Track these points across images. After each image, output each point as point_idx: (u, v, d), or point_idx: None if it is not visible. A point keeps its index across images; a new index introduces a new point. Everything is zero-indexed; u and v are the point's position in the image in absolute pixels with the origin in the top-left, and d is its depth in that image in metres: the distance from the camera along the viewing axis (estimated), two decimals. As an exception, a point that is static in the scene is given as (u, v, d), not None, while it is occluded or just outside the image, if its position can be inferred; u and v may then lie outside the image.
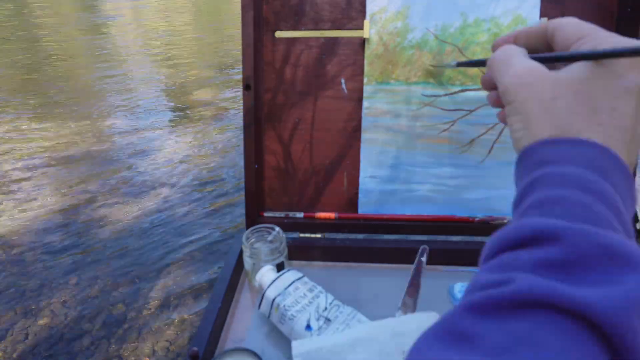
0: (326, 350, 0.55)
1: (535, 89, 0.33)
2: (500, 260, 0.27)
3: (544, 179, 0.30)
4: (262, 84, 0.78)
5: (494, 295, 0.24)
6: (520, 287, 0.24)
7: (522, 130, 0.33)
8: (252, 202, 0.79)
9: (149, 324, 1.71)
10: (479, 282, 0.27)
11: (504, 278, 0.25)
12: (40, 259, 2.10)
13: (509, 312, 0.24)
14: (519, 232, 0.27)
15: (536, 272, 0.25)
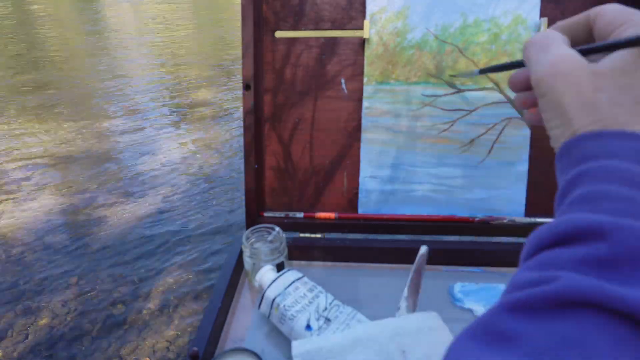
0: (326, 350, 0.55)
1: (573, 81, 0.31)
2: (540, 259, 0.26)
3: (587, 174, 0.28)
4: (262, 84, 0.78)
5: (536, 294, 0.23)
6: (564, 286, 0.23)
7: (560, 127, 0.32)
8: (252, 202, 0.79)
9: (149, 324, 1.71)
10: (519, 281, 0.25)
11: (545, 276, 0.24)
12: (40, 259, 2.10)
13: (551, 312, 0.23)
14: (561, 229, 0.26)
15: (580, 270, 0.24)
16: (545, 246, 0.26)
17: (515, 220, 0.78)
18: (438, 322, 0.59)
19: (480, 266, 0.77)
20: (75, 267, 2.04)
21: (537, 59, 0.33)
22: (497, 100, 0.75)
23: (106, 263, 2.05)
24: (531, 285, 0.24)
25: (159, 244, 2.17)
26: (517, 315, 0.23)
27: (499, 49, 0.73)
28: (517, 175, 0.77)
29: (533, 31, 0.72)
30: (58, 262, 2.07)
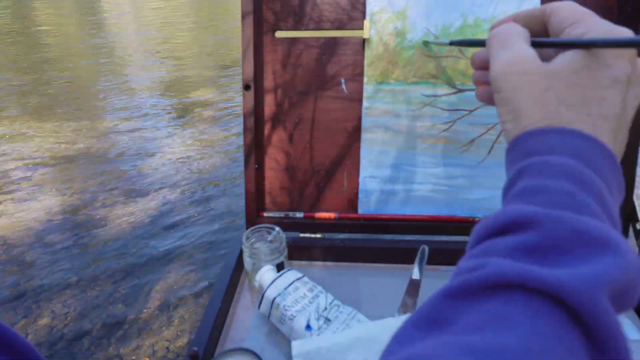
0: (326, 350, 0.55)
1: (526, 80, 0.33)
2: (482, 247, 0.29)
3: (529, 168, 0.31)
4: (262, 84, 0.78)
5: (469, 280, 0.26)
6: (492, 270, 0.25)
7: (512, 122, 0.34)
8: (252, 202, 0.79)
9: (149, 324, 1.71)
10: (459, 270, 0.28)
11: (478, 263, 0.26)
12: (40, 259, 2.10)
13: (481, 294, 0.25)
14: (499, 220, 0.28)
15: (511, 256, 0.26)
16: (487, 235, 0.29)
17: (515, 220, 0.77)
18: (438, 322, 0.59)
19: (480, 266, 0.77)
20: (75, 267, 2.04)
21: (496, 55, 0.35)
22: (497, 100, 0.75)
23: (106, 263, 2.05)
24: (467, 272, 0.27)
25: (159, 244, 2.17)
26: (452, 300, 0.26)
27: (499, 49, 0.73)
28: (517, 175, 0.77)
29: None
30: (58, 262, 2.07)
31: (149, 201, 2.53)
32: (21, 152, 3.16)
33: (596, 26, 0.32)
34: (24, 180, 2.80)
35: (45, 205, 2.53)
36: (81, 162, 3.00)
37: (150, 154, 3.08)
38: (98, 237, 2.24)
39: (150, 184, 2.70)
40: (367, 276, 0.76)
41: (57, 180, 2.79)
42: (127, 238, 2.22)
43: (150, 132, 3.45)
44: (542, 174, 0.30)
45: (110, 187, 2.69)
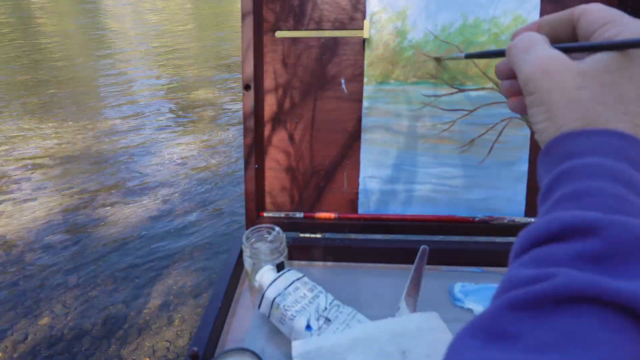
0: (326, 350, 0.55)
1: (558, 79, 0.32)
2: (534, 256, 0.27)
3: (572, 171, 0.29)
4: (262, 84, 0.78)
5: (534, 292, 0.24)
6: (562, 282, 0.23)
7: (545, 122, 0.32)
8: (252, 202, 0.79)
9: (149, 324, 1.71)
10: (515, 279, 0.26)
11: (542, 273, 0.24)
12: (40, 259, 2.10)
13: (551, 308, 0.23)
14: (552, 226, 0.26)
15: (575, 265, 0.24)
16: (537, 243, 0.27)
17: (515, 220, 0.78)
18: (438, 322, 0.59)
19: (480, 266, 0.77)
20: (75, 267, 2.04)
21: (523, 60, 0.34)
22: (497, 100, 0.75)
23: (106, 263, 2.05)
24: (529, 282, 0.24)
25: (159, 244, 2.17)
26: (517, 313, 0.24)
27: (499, 48, 0.73)
28: (517, 175, 0.77)
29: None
30: (58, 262, 2.07)
31: (149, 201, 2.53)
32: (21, 152, 3.16)
33: (629, 26, 0.31)
34: (24, 180, 2.80)
35: (45, 205, 2.53)
36: (81, 162, 3.00)
37: (150, 154, 3.08)
38: (98, 237, 2.24)
39: (151, 184, 2.70)
40: (367, 276, 0.76)
41: (57, 180, 2.79)
42: (127, 238, 2.22)
43: (151, 131, 3.45)
44: (588, 176, 0.28)
45: (110, 187, 2.69)
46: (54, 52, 5.90)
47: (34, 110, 3.93)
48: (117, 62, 5.43)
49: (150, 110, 3.88)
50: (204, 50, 5.95)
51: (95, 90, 4.45)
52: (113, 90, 4.42)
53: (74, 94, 4.33)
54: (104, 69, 5.16)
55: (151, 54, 5.82)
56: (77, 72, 5.10)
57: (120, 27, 7.70)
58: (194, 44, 6.30)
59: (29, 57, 5.67)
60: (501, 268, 0.76)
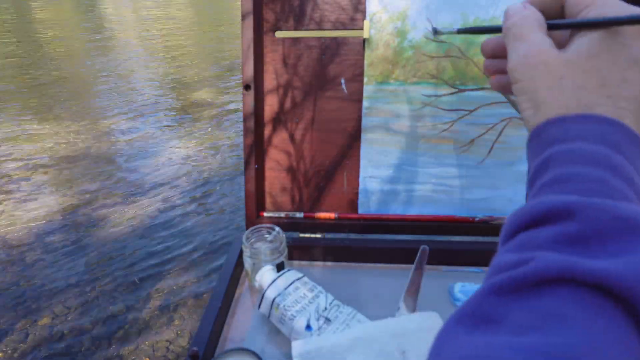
0: (326, 350, 0.55)
1: (544, 70, 0.33)
2: (517, 241, 0.28)
3: (555, 157, 0.30)
4: (262, 84, 0.78)
5: (515, 275, 0.25)
6: (540, 265, 0.24)
7: (530, 110, 0.34)
8: (252, 202, 0.79)
9: (149, 324, 1.71)
10: (499, 264, 0.27)
11: (522, 258, 0.25)
12: (40, 259, 2.10)
13: (530, 290, 0.24)
14: (534, 211, 0.28)
15: (554, 248, 0.25)
16: (522, 228, 0.28)
17: (515, 220, 0.77)
18: (438, 322, 0.59)
19: (480, 266, 0.77)
20: (75, 267, 2.04)
21: (513, 47, 0.35)
22: (497, 100, 0.75)
23: (106, 263, 2.05)
24: (511, 267, 0.26)
25: (159, 244, 2.17)
26: (499, 297, 0.25)
27: (499, 49, 0.73)
28: (517, 175, 0.77)
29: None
30: (58, 262, 2.07)
31: (149, 201, 2.53)
32: (21, 152, 3.16)
33: (611, 7, 0.32)
34: (24, 180, 2.80)
35: (45, 205, 2.53)
36: (81, 162, 3.00)
37: (150, 154, 3.08)
38: (98, 237, 2.24)
39: (151, 184, 2.70)
40: (367, 276, 0.76)
41: (57, 180, 2.79)
42: (127, 238, 2.22)
43: (151, 132, 3.45)
44: (570, 161, 0.29)
45: (110, 187, 2.69)
46: (54, 52, 5.90)
47: (34, 110, 3.93)
48: (117, 62, 5.43)
49: (151, 110, 3.88)
50: (204, 50, 5.96)
51: (95, 90, 4.45)
52: (113, 90, 4.42)
53: (74, 94, 4.33)
54: (104, 68, 5.16)
55: (151, 53, 5.82)
56: (78, 71, 5.10)
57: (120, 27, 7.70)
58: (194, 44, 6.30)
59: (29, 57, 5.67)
60: (501, 268, 0.76)
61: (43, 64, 5.33)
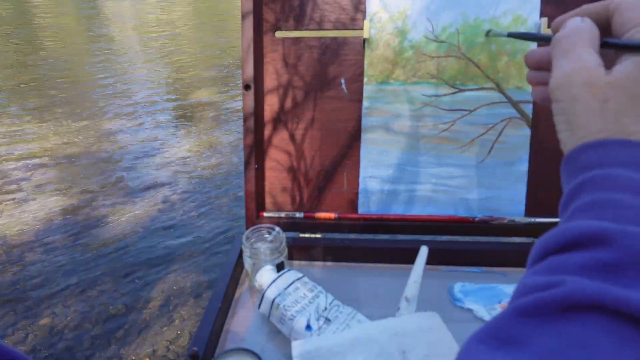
0: (326, 350, 0.55)
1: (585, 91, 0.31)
2: (547, 264, 0.27)
3: (592, 182, 0.29)
4: (262, 84, 0.78)
5: (543, 298, 0.24)
6: (571, 289, 0.23)
7: (567, 132, 0.32)
8: (252, 202, 0.79)
9: (149, 324, 1.71)
10: (527, 286, 0.26)
11: (552, 281, 0.25)
12: (40, 259, 2.10)
13: (558, 315, 0.23)
14: (567, 235, 0.27)
15: (585, 274, 0.24)
16: (552, 251, 0.27)
17: (515, 220, 0.78)
18: (438, 322, 0.59)
19: (480, 266, 0.77)
20: (75, 267, 2.03)
21: (558, 63, 0.33)
22: (497, 100, 0.75)
23: (106, 263, 2.05)
24: (539, 289, 0.25)
25: (159, 244, 2.17)
26: (525, 319, 0.24)
27: (499, 48, 0.73)
28: (517, 175, 0.77)
29: (534, 30, 0.72)
30: (58, 262, 2.07)
31: (149, 201, 2.53)
32: (21, 152, 3.16)
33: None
34: (24, 180, 2.80)
35: (45, 205, 2.53)
36: (81, 162, 3.00)
37: (150, 154, 3.08)
38: (98, 237, 2.24)
39: (151, 184, 2.70)
40: (367, 276, 0.76)
41: (57, 180, 2.79)
42: (127, 238, 2.22)
43: (151, 132, 3.45)
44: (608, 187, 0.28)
45: (110, 187, 2.69)
46: (54, 52, 5.90)
47: (34, 110, 3.93)
48: (118, 62, 5.43)
49: (151, 110, 3.88)
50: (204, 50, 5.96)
51: (95, 90, 4.45)
52: (113, 90, 4.42)
53: (74, 94, 4.33)
54: (104, 68, 5.16)
55: (151, 54, 5.82)
56: (78, 71, 5.10)
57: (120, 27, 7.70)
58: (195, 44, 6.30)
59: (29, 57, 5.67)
60: (501, 268, 0.76)
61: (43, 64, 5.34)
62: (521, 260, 0.76)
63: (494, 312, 0.67)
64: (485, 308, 0.68)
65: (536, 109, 0.74)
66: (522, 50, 0.73)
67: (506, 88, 0.74)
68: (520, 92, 0.74)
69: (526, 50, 0.73)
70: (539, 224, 0.77)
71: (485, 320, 0.66)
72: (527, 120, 0.75)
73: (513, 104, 0.75)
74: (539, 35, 0.40)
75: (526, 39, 0.45)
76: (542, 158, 0.76)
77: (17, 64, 5.35)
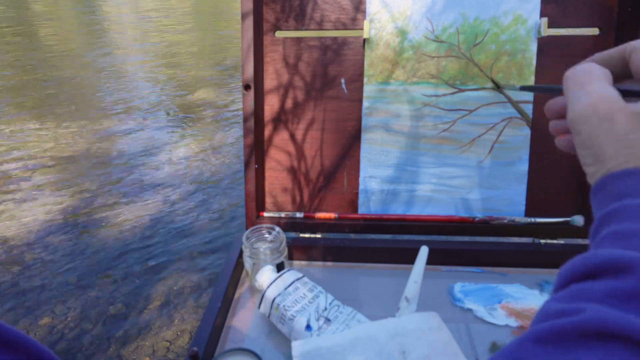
0: (326, 350, 0.55)
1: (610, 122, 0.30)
2: (569, 291, 0.27)
3: (621, 211, 0.29)
4: (263, 84, 0.78)
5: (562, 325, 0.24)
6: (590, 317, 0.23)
7: (594, 166, 0.32)
8: (252, 202, 0.79)
9: (149, 324, 1.71)
10: (547, 312, 0.26)
11: (572, 308, 0.24)
12: (40, 258, 2.10)
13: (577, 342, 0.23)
14: (591, 263, 0.26)
15: (607, 302, 0.24)
16: (575, 279, 0.27)
17: (515, 220, 0.78)
18: (438, 322, 0.59)
19: (480, 266, 0.77)
20: (75, 267, 2.03)
21: (575, 96, 0.32)
22: (497, 100, 0.75)
23: (106, 263, 2.05)
24: (557, 316, 0.25)
25: (159, 245, 2.16)
26: (542, 345, 0.24)
27: (499, 48, 0.73)
28: (517, 175, 0.77)
29: (534, 30, 0.72)
30: (58, 262, 2.07)
31: (149, 201, 2.53)
32: (21, 152, 3.16)
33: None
34: (24, 180, 2.80)
35: (45, 205, 2.53)
36: (81, 162, 3.00)
37: (150, 154, 3.09)
38: (98, 237, 2.24)
39: (151, 184, 2.70)
40: (367, 276, 0.76)
41: (57, 180, 2.79)
42: (127, 238, 2.22)
43: (151, 132, 3.45)
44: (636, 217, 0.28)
45: (110, 187, 2.69)
46: (54, 52, 5.90)
47: (34, 110, 3.93)
48: (117, 62, 5.43)
49: (151, 110, 3.88)
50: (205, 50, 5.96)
51: (95, 90, 4.45)
52: (113, 90, 4.42)
53: (74, 94, 4.33)
54: (104, 69, 5.16)
55: (151, 53, 5.82)
56: (77, 71, 5.10)
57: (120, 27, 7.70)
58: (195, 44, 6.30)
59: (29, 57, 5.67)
60: (501, 268, 0.76)
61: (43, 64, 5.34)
62: (521, 260, 0.76)
63: (494, 312, 0.67)
64: (485, 308, 0.68)
65: (536, 109, 0.74)
66: (522, 50, 0.73)
67: (506, 88, 0.74)
68: (520, 92, 0.74)
69: (526, 51, 0.73)
70: (538, 224, 0.77)
71: (485, 321, 0.66)
72: (527, 120, 0.75)
73: (513, 104, 0.75)
74: (555, 87, 0.38)
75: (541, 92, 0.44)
76: (542, 158, 0.76)
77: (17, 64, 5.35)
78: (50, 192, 2.67)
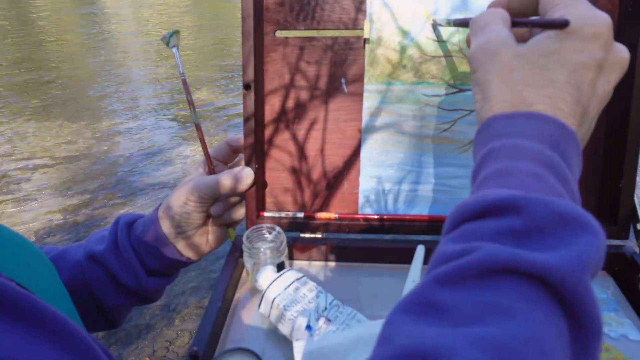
0: (327, 350, 0.55)
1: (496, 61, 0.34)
2: (462, 231, 0.29)
3: (497, 151, 0.32)
4: (263, 84, 0.78)
5: (460, 265, 0.26)
6: (484, 255, 0.25)
7: (481, 102, 0.35)
8: (252, 202, 0.79)
9: (149, 324, 1.71)
10: (444, 254, 0.28)
11: (467, 248, 0.26)
12: (40, 259, 2.10)
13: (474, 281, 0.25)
14: (480, 204, 0.29)
15: (497, 240, 0.26)
16: (466, 219, 0.30)
17: (515, 221, 0.77)
18: (438, 322, 0.59)
19: (481, 266, 0.76)
20: (75, 267, 2.03)
21: (474, 37, 0.37)
22: (498, 100, 0.75)
23: (106, 263, 2.05)
24: (455, 257, 0.26)
25: (159, 244, 2.16)
26: (445, 286, 0.26)
27: (500, 49, 0.73)
28: (518, 175, 0.77)
29: (533, 31, 0.72)
30: (58, 262, 2.07)
31: (149, 201, 2.53)
32: (21, 152, 3.16)
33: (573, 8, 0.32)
34: (24, 180, 2.80)
35: (45, 205, 2.53)
36: (81, 162, 3.00)
37: (150, 154, 3.09)
38: (98, 237, 2.24)
39: (151, 184, 2.70)
40: (367, 276, 0.76)
41: (57, 180, 2.79)
42: (127, 238, 2.22)
43: (151, 132, 3.45)
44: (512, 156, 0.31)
45: (111, 187, 2.69)
46: (55, 53, 5.91)
47: (34, 110, 3.93)
48: (118, 63, 5.43)
49: (151, 110, 3.88)
50: (205, 50, 5.96)
51: (95, 90, 4.45)
52: (113, 90, 4.42)
53: (74, 94, 4.33)
54: (104, 69, 5.16)
55: (152, 54, 5.82)
56: (78, 71, 5.10)
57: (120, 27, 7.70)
58: (195, 44, 6.30)
59: (29, 57, 5.67)
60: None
61: (43, 64, 5.34)
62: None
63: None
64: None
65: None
66: (523, 50, 0.73)
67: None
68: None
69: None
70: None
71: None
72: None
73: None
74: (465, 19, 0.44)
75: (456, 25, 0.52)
76: (542, 158, 0.76)
77: (17, 64, 5.35)
78: (50, 192, 2.67)
